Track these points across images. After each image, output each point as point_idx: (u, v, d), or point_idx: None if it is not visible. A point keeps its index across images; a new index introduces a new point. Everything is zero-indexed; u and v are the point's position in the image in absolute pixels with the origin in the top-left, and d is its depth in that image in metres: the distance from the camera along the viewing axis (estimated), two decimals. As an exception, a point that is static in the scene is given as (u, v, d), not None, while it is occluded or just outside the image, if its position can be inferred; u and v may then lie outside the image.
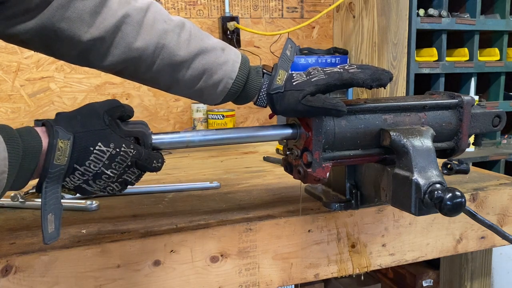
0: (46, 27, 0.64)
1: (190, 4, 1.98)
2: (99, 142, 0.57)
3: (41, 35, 0.65)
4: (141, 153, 0.61)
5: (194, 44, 0.71)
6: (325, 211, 0.79)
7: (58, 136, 0.54)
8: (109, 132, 0.58)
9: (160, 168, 0.64)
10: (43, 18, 0.64)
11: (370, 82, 0.69)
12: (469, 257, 1.05)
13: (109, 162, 0.58)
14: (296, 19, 2.16)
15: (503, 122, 0.82)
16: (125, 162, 0.59)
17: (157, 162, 0.63)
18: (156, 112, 2.00)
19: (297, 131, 0.71)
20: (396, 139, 0.68)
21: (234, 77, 0.72)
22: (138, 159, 0.60)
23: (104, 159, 0.58)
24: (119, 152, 0.58)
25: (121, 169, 0.60)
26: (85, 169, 0.57)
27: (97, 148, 0.57)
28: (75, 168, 0.57)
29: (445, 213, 0.61)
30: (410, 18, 1.75)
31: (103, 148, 0.57)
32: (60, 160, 0.55)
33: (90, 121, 0.58)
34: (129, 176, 0.62)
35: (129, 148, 0.59)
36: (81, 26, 0.65)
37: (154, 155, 0.63)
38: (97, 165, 0.57)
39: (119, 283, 0.68)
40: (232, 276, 0.74)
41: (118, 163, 0.59)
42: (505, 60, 2.00)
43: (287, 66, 0.73)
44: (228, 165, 1.23)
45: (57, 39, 0.66)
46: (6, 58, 1.78)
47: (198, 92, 0.74)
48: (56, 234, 0.57)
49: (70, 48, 0.67)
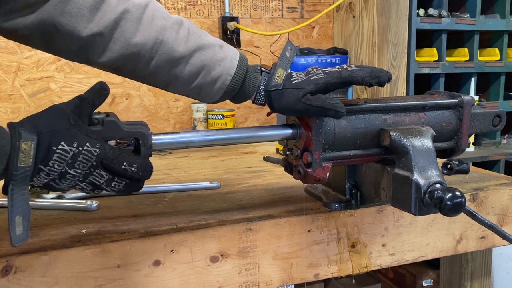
0: (47, 21, 0.64)
1: (190, 4, 1.98)
2: (62, 142, 0.56)
3: (41, 29, 0.65)
4: (108, 153, 0.58)
5: (193, 41, 0.71)
6: (325, 211, 0.79)
7: (20, 138, 0.53)
8: (74, 132, 0.57)
9: (140, 174, 0.61)
10: (43, 13, 0.64)
11: (369, 79, 0.68)
12: (469, 257, 1.05)
13: (72, 161, 0.57)
14: (296, 19, 2.16)
15: (503, 122, 0.82)
16: (89, 162, 0.58)
17: (129, 165, 0.59)
18: (156, 112, 2.00)
19: (297, 131, 0.71)
20: (396, 139, 0.68)
21: (233, 73, 0.72)
22: (103, 158, 0.58)
23: (67, 159, 0.56)
24: (81, 151, 0.57)
25: (85, 168, 0.58)
26: (49, 169, 0.56)
27: (59, 147, 0.56)
28: (40, 168, 0.56)
29: (445, 213, 0.61)
30: (410, 18, 1.76)
31: (66, 148, 0.56)
32: (25, 162, 0.54)
33: (54, 121, 0.57)
34: (96, 179, 0.59)
35: (94, 147, 0.58)
36: (80, 21, 0.65)
37: (124, 157, 0.60)
38: (61, 164, 0.56)
39: (119, 283, 0.68)
40: (232, 276, 0.74)
41: (82, 162, 0.57)
42: (505, 60, 2.00)
43: (286, 66, 0.73)
44: (228, 165, 1.23)
45: (57, 34, 0.66)
46: (6, 58, 1.78)
47: (196, 89, 0.73)
48: (25, 235, 0.56)
49: (70, 43, 0.67)
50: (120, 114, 1.90)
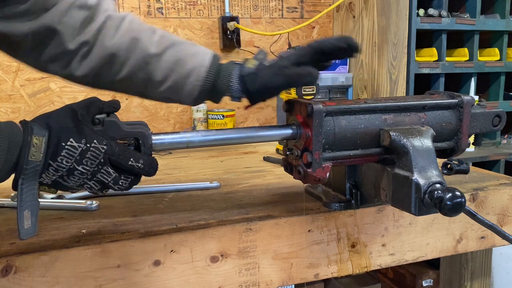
0: (47, 26, 0.69)
1: (190, 4, 1.98)
2: (71, 138, 0.57)
3: (39, 36, 0.69)
4: (114, 149, 0.60)
5: (166, 40, 0.75)
6: (325, 211, 0.79)
7: (32, 132, 0.55)
8: (82, 128, 0.59)
9: (146, 171, 0.62)
10: (44, 19, 0.68)
11: (337, 43, 0.70)
12: (469, 257, 1.05)
13: (80, 157, 0.58)
14: (296, 19, 2.16)
15: (503, 122, 0.82)
16: (97, 159, 0.59)
17: (135, 161, 0.61)
18: (156, 112, 2.00)
19: (297, 131, 0.71)
20: (396, 139, 0.68)
21: (207, 65, 0.74)
22: (111, 155, 0.60)
23: (76, 155, 0.58)
24: (89, 147, 0.58)
25: (93, 165, 0.59)
26: (58, 165, 0.57)
27: (68, 143, 0.57)
28: (49, 164, 0.57)
29: (445, 213, 0.61)
30: (410, 18, 1.76)
31: (75, 144, 0.57)
32: (35, 157, 0.55)
33: (64, 119, 0.59)
34: (104, 177, 0.60)
35: (101, 144, 0.59)
36: (72, 32, 0.71)
37: (131, 153, 0.61)
38: (70, 160, 0.58)
39: (119, 283, 0.68)
40: (232, 276, 0.74)
41: (90, 159, 0.59)
42: (505, 60, 2.01)
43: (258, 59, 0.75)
44: (228, 165, 1.23)
45: (51, 40, 0.70)
46: (6, 58, 1.78)
47: (173, 87, 0.74)
48: (33, 230, 0.58)
49: (58, 51, 0.72)
50: (120, 114, 1.89)
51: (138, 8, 1.92)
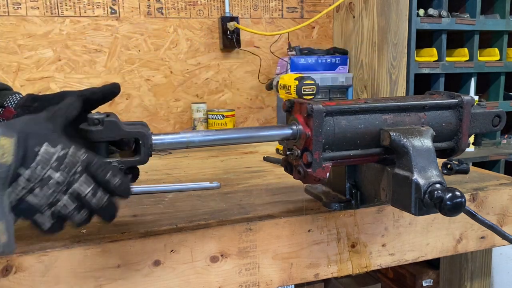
0: None
1: (190, 4, 1.98)
2: (46, 142, 0.53)
3: None
4: (93, 159, 0.56)
5: None
6: (325, 211, 0.79)
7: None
8: (58, 135, 0.56)
9: (122, 189, 0.57)
10: None
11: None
12: (469, 257, 1.05)
13: (57, 164, 0.53)
14: (296, 19, 2.16)
15: (503, 122, 0.82)
16: (75, 166, 0.55)
17: (113, 175, 0.56)
18: (156, 112, 2.00)
19: (297, 131, 0.71)
20: (396, 139, 0.68)
21: None
22: (89, 163, 0.56)
23: (51, 161, 0.53)
24: (67, 153, 0.54)
25: (71, 173, 0.54)
26: (31, 171, 0.52)
27: (43, 148, 0.53)
28: (18, 174, 0.51)
29: (445, 213, 0.61)
30: (410, 18, 1.76)
31: (51, 150, 0.53)
32: (5, 159, 0.49)
33: (39, 123, 0.55)
34: (80, 189, 0.55)
35: (79, 151, 0.56)
36: None
37: (111, 166, 0.57)
38: (45, 166, 0.53)
39: (119, 283, 0.68)
40: (232, 276, 0.74)
41: (67, 165, 0.54)
42: (505, 60, 2.01)
43: None
44: (228, 165, 1.23)
45: None
46: (6, 58, 1.78)
47: None
48: (12, 246, 0.51)
49: None
50: (120, 114, 1.90)
51: (138, 8, 1.92)
